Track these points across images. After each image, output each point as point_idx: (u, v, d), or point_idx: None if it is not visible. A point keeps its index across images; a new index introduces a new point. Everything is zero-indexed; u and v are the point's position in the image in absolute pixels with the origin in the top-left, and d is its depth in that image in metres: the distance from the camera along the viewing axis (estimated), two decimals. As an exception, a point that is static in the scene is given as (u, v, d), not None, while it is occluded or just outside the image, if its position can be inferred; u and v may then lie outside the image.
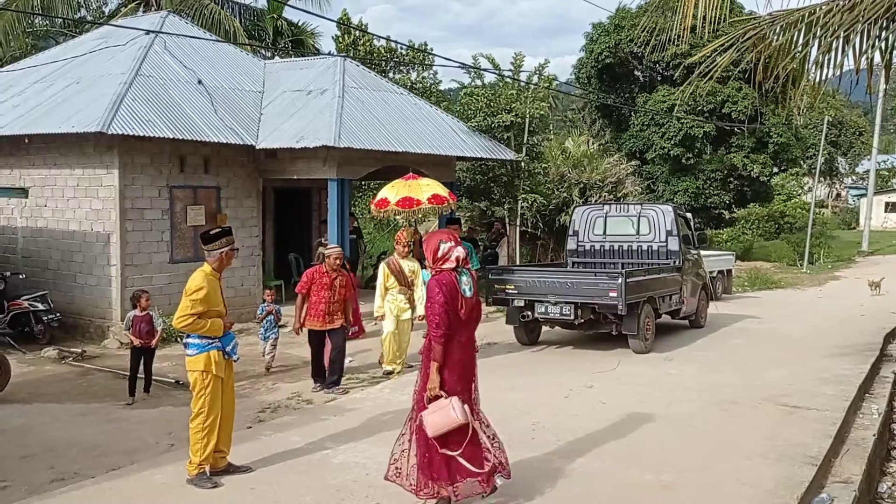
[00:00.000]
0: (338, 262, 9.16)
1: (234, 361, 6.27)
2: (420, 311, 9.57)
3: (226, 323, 6.11)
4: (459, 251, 5.35)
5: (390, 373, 9.91)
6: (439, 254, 5.35)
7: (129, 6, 24.08)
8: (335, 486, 5.88)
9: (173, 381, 9.80)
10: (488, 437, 5.39)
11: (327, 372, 9.30)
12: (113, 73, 13.47)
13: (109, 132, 11.78)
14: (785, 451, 6.64)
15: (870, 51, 6.37)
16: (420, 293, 9.63)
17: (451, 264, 5.33)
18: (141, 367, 9.06)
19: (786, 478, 5.98)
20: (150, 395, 8.98)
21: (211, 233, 6.20)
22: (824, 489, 6.11)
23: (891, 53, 6.63)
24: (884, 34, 6.21)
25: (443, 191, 10.43)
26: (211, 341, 5.96)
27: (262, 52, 25.49)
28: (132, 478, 6.12)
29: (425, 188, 10.22)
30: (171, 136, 12.57)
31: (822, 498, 5.82)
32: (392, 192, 10.17)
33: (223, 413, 6.08)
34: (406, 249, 9.90)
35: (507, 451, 5.57)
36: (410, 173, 10.54)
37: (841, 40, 6.38)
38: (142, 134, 12.19)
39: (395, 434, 7.09)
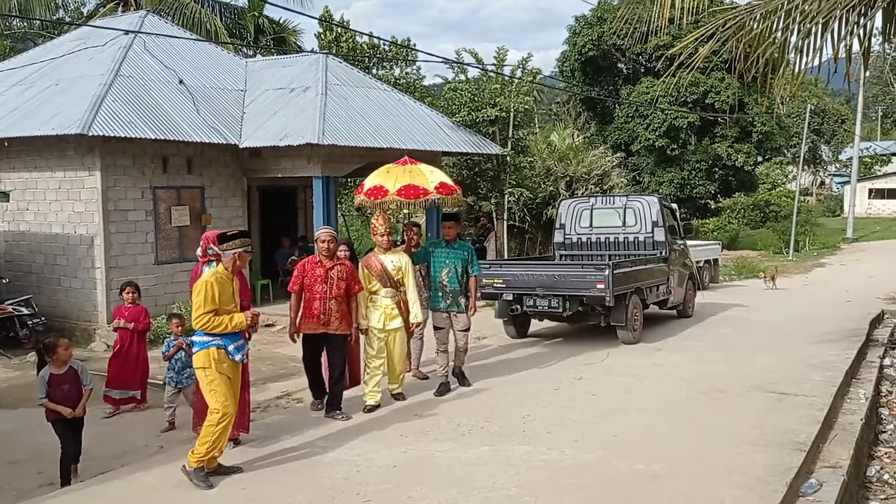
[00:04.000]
0: (330, 245, 7.38)
1: (239, 362, 6.10)
2: (417, 315, 8.03)
3: (248, 316, 5.99)
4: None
5: (372, 408, 7.76)
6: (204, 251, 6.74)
7: (108, 6, 23.89)
8: (326, 485, 5.85)
9: (162, 382, 9.74)
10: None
11: (328, 394, 7.71)
12: (92, 75, 13.37)
13: (90, 134, 11.71)
14: (773, 437, 6.67)
15: (848, 37, 6.40)
16: (413, 295, 7.98)
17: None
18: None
19: (775, 464, 6.01)
20: (80, 477, 6.52)
21: (228, 234, 6.14)
22: (813, 474, 6.14)
23: (869, 40, 6.67)
24: (862, 21, 6.23)
25: (449, 179, 8.54)
26: (212, 338, 5.90)
27: (244, 50, 25.34)
28: (121, 481, 6.07)
29: (430, 176, 8.22)
30: (153, 137, 12.49)
31: (811, 483, 5.84)
32: (389, 178, 8.05)
33: None
34: (386, 240, 7.93)
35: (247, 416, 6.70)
36: (406, 157, 8.55)
37: (819, 26, 6.40)
38: (123, 135, 12.12)
39: (385, 432, 7.13)
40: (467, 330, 8.55)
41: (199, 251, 7.10)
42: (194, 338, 6.03)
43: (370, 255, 8.07)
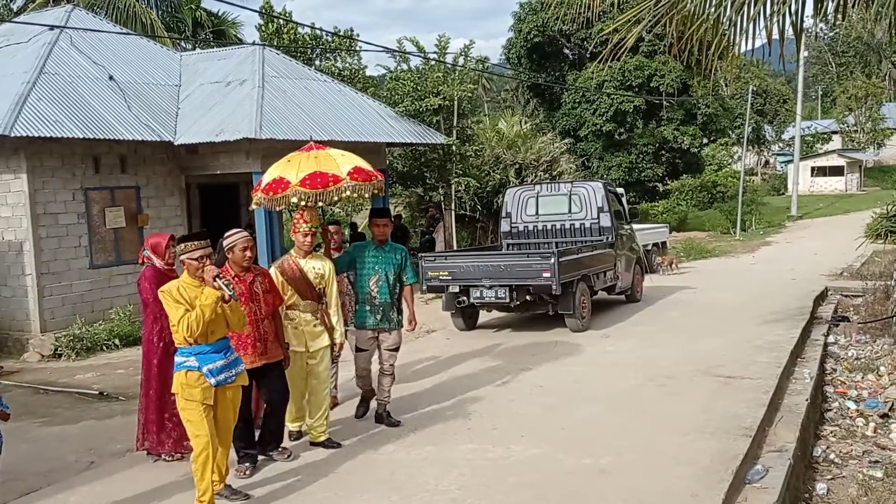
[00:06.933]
0: (248, 254, 5.84)
1: (214, 386, 5.18)
2: (341, 335, 6.58)
3: (210, 278, 5.10)
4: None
5: (297, 436, 6.71)
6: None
7: (38, 1, 22.95)
8: (265, 496, 5.60)
9: (97, 392, 9.38)
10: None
11: (265, 429, 6.27)
12: (15, 73, 12.75)
13: (13, 135, 11.15)
14: (720, 424, 6.61)
15: (778, 15, 6.34)
16: (336, 308, 6.56)
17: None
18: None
19: (721, 452, 5.94)
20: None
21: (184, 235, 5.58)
22: (759, 459, 6.09)
23: (801, 17, 6.63)
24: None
25: (365, 164, 6.82)
26: (186, 359, 5.17)
27: (183, 44, 24.64)
28: (42, 503, 5.75)
29: (342, 160, 6.67)
30: (82, 136, 11.96)
31: (757, 469, 5.79)
32: (291, 168, 6.58)
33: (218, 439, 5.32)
34: (308, 241, 6.49)
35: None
36: (311, 143, 6.96)
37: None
38: (49, 135, 11.57)
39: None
40: (396, 350, 7.05)
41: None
42: (176, 357, 5.31)
43: (286, 259, 6.57)
